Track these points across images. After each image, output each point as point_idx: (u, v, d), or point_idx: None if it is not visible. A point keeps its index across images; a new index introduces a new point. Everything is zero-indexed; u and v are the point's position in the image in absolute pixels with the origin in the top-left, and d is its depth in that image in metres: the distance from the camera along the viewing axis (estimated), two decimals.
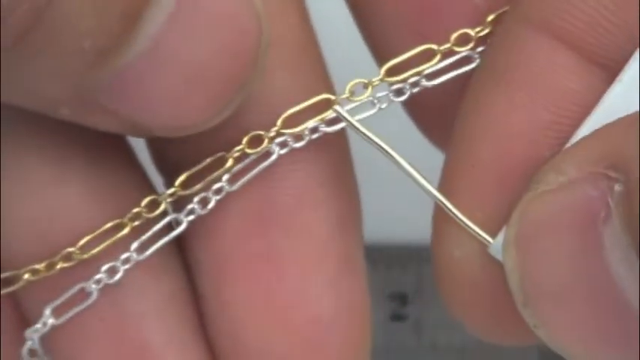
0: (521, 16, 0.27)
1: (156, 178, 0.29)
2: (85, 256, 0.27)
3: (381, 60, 0.28)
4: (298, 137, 0.27)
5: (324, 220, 0.28)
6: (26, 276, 0.27)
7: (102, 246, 0.27)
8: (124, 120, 0.25)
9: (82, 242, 0.27)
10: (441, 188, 0.28)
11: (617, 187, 0.23)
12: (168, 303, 0.28)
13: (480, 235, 0.26)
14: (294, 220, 0.28)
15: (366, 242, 0.30)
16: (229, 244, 0.28)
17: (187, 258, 0.29)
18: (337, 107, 0.27)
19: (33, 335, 0.28)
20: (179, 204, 0.27)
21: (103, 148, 0.28)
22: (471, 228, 0.27)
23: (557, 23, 0.26)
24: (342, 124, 0.27)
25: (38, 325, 0.28)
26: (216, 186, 0.27)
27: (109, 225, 0.27)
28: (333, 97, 0.27)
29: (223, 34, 0.25)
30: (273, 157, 0.27)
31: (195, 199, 0.27)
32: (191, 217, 0.27)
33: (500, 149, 0.27)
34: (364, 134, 0.27)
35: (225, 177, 0.27)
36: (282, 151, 0.27)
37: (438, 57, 0.28)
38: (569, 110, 0.26)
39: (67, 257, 0.27)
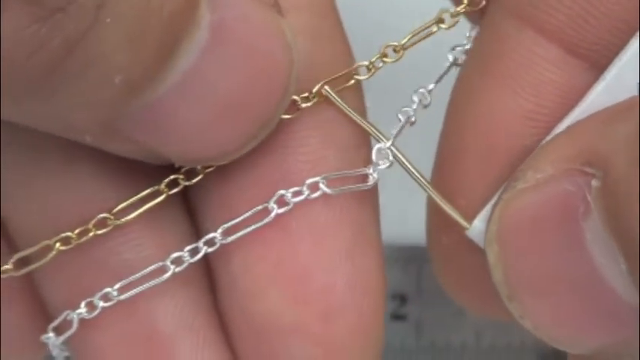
0: (504, 9, 0.27)
1: None
2: (121, 221, 0.27)
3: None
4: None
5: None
6: (58, 245, 0.27)
7: (137, 212, 0.27)
8: (145, 149, 0.25)
9: (117, 208, 0.27)
10: (432, 176, 0.28)
11: (595, 183, 0.23)
12: (179, 281, 0.28)
13: (458, 220, 0.27)
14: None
15: None
16: (240, 212, 0.27)
17: (197, 228, 0.29)
18: (327, 88, 0.27)
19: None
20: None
21: None
22: (450, 212, 0.27)
23: (539, 16, 0.26)
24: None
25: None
26: None
27: (146, 192, 0.27)
28: (365, 63, 0.28)
29: (255, 68, 0.25)
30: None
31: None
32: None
33: (485, 139, 0.27)
34: (351, 113, 0.28)
35: None
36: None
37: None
38: (550, 100, 0.27)
39: (102, 224, 0.27)
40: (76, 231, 0.27)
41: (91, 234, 0.27)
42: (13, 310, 0.29)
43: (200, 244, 0.27)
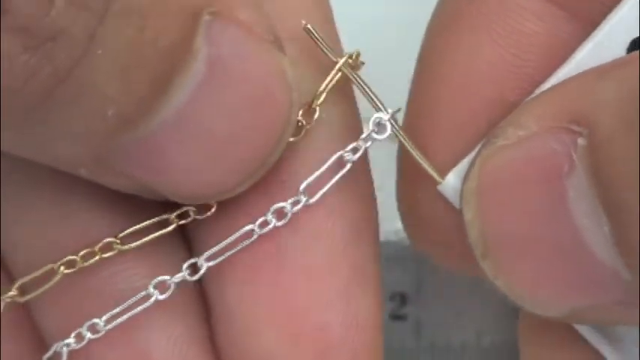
0: None
1: None
2: (126, 247, 0.26)
3: None
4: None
5: (338, 225, 0.27)
6: (62, 269, 0.26)
7: (144, 240, 0.27)
8: (139, 184, 0.25)
9: (124, 233, 0.27)
10: (405, 127, 0.28)
11: (581, 141, 0.23)
12: (174, 311, 0.28)
13: (431, 173, 0.27)
14: (306, 225, 0.27)
15: None
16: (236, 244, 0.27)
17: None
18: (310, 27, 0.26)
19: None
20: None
21: None
22: (422, 164, 0.27)
23: None
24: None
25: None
26: None
27: (153, 220, 0.27)
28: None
29: (253, 107, 0.24)
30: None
31: None
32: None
33: (462, 91, 0.26)
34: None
35: None
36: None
37: None
38: (531, 52, 0.26)
39: (108, 247, 0.27)
40: (81, 254, 0.27)
41: (96, 257, 0.27)
42: (12, 339, 0.28)
43: (183, 269, 0.27)
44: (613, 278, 0.23)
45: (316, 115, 0.27)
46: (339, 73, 0.27)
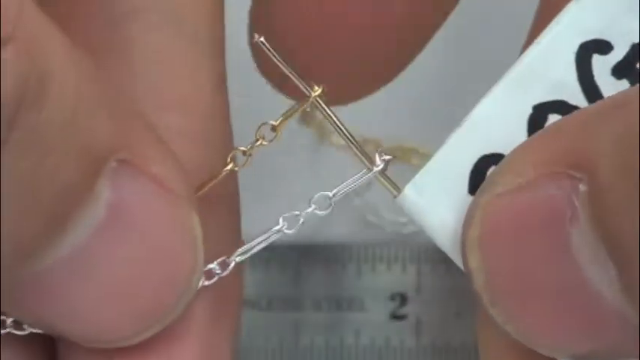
0: None
1: None
2: None
3: None
4: None
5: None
6: None
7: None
8: (46, 324, 0.24)
9: None
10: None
11: (582, 187, 0.23)
12: None
13: (386, 186, 0.26)
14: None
15: (367, 242, 0.30)
16: None
17: None
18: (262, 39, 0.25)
19: None
20: None
21: None
22: (380, 179, 0.26)
23: None
24: None
25: None
26: None
27: None
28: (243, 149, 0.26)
29: (154, 262, 0.24)
30: None
31: None
32: None
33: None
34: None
35: None
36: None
37: None
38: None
39: None
40: None
41: None
42: None
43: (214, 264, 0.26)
44: (622, 322, 0.23)
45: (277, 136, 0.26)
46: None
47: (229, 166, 0.26)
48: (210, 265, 0.25)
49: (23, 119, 0.21)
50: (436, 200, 0.26)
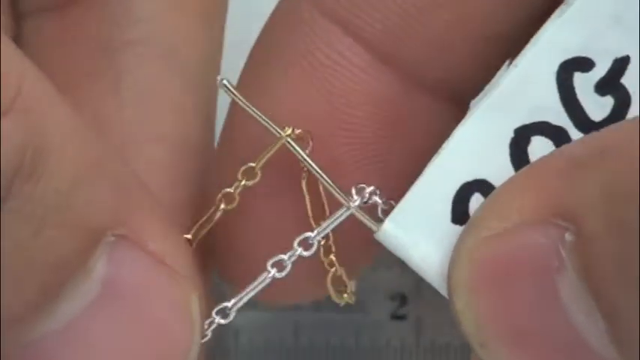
0: (314, 3, 0.26)
1: None
2: None
3: None
4: None
5: None
6: None
7: None
8: None
9: None
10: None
11: (568, 237, 0.23)
12: None
13: (366, 222, 0.27)
14: None
15: None
16: None
17: None
18: (226, 82, 0.26)
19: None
20: None
21: None
22: (360, 216, 0.27)
23: (353, 21, 0.26)
24: None
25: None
26: None
27: None
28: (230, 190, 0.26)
29: (150, 340, 0.24)
30: None
31: None
32: None
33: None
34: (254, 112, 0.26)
35: None
36: None
37: None
38: (361, 110, 0.26)
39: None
40: None
41: None
42: None
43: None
44: None
45: (257, 178, 0.27)
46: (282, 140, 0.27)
47: (221, 206, 0.26)
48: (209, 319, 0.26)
49: (19, 189, 0.21)
50: (417, 233, 0.26)
